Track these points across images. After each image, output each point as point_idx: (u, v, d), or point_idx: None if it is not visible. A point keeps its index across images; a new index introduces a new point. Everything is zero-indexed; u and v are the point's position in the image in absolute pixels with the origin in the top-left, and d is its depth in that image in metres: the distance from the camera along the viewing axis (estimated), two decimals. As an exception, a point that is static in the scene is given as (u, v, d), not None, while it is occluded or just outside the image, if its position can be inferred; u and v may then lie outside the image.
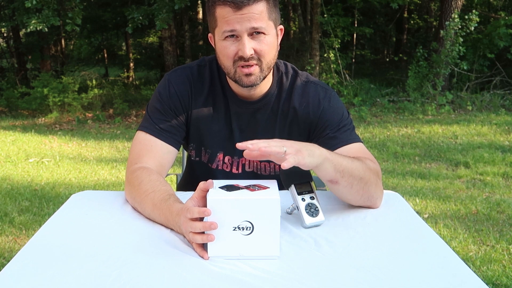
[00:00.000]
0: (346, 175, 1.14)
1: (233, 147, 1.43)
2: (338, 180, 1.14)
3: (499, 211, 3.34)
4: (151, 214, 1.18)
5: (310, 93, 1.38)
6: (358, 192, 1.20)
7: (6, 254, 2.76)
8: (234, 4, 1.18)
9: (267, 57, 1.25)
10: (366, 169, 1.20)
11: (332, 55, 9.02)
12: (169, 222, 1.12)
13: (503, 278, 2.39)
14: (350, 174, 1.15)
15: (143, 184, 1.22)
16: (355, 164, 1.17)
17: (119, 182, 4.20)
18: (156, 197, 1.17)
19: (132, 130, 6.88)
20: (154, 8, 7.08)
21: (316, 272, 0.95)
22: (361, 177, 1.18)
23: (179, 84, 1.37)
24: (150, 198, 1.18)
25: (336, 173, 1.13)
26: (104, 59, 14.21)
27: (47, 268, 0.95)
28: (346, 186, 1.17)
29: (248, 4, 1.18)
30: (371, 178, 1.21)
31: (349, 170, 1.15)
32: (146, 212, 1.20)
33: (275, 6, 1.26)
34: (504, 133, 5.92)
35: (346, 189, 1.18)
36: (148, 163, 1.30)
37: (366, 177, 1.19)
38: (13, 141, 6.07)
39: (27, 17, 6.88)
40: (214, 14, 1.24)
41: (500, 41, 8.22)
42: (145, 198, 1.19)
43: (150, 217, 1.19)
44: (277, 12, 1.28)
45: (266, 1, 1.22)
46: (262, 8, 1.21)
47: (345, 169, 1.14)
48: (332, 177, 1.14)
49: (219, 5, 1.21)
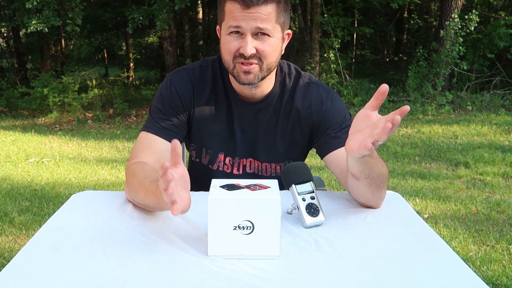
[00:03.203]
0: (370, 178, 1.16)
1: (234, 147, 1.43)
2: (360, 178, 1.16)
3: (499, 211, 3.34)
4: (145, 199, 1.16)
5: (313, 94, 1.39)
6: (373, 192, 1.21)
7: (6, 254, 2.76)
8: (244, 2, 1.18)
9: (268, 58, 1.25)
10: (387, 175, 1.22)
11: (332, 55, 9.02)
12: (159, 200, 1.07)
13: (503, 278, 2.39)
14: (374, 178, 1.17)
15: (137, 174, 1.22)
16: (383, 170, 1.19)
17: (119, 182, 4.20)
18: (147, 181, 1.15)
19: (132, 130, 6.88)
20: (154, 9, 7.08)
21: (317, 272, 0.95)
22: (382, 181, 1.20)
23: (180, 85, 1.38)
24: (142, 184, 1.17)
25: (362, 174, 1.15)
26: (104, 59, 14.22)
27: (47, 268, 0.95)
28: (365, 185, 1.19)
29: (257, 4, 1.18)
30: (385, 182, 1.23)
31: (375, 175, 1.16)
32: (140, 199, 1.19)
33: (285, 11, 1.26)
34: (504, 133, 5.92)
35: (363, 187, 1.20)
36: (145, 158, 1.30)
37: (384, 182, 1.21)
38: (13, 141, 6.07)
39: (28, 17, 6.88)
40: (224, 7, 1.24)
41: (500, 41, 8.23)
42: (138, 186, 1.19)
43: (145, 204, 1.18)
44: (287, 17, 1.28)
45: (276, 4, 1.21)
46: (271, 10, 1.21)
47: (372, 173, 1.15)
48: (359, 173, 1.15)
49: (229, 0, 1.21)
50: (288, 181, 1.17)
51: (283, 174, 1.18)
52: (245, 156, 1.44)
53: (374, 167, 1.15)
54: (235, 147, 1.43)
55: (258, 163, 1.44)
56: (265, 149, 1.42)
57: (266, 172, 1.45)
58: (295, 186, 1.16)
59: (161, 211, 1.19)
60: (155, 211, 1.21)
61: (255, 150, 1.43)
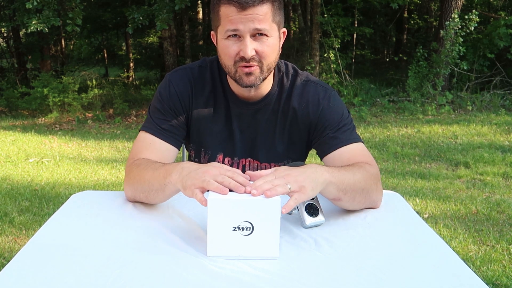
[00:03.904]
0: (349, 191, 1.16)
1: (233, 148, 1.43)
2: (341, 197, 1.17)
3: (499, 211, 3.34)
4: (151, 179, 1.18)
5: (310, 92, 1.38)
6: (360, 202, 1.22)
7: (6, 254, 2.76)
8: (239, 4, 1.17)
9: (268, 59, 1.25)
10: (367, 178, 1.21)
11: (332, 55, 9.02)
12: (167, 172, 1.12)
13: (503, 278, 2.39)
14: (352, 189, 1.17)
15: (142, 164, 1.24)
16: (357, 176, 1.18)
17: (119, 182, 4.20)
18: (157, 164, 1.20)
19: (132, 130, 6.88)
20: (154, 9, 7.08)
21: (316, 272, 0.95)
22: (363, 188, 1.19)
23: (179, 85, 1.37)
24: (150, 166, 1.21)
25: (339, 192, 1.14)
26: (104, 59, 14.23)
27: (47, 268, 0.95)
28: (349, 201, 1.19)
29: (253, 5, 1.18)
30: (371, 186, 1.22)
31: (351, 186, 1.16)
32: (145, 182, 1.20)
33: (279, 9, 1.26)
34: (504, 133, 5.92)
35: (349, 203, 1.20)
36: (147, 158, 1.30)
37: (367, 187, 1.21)
38: (13, 141, 6.07)
39: (28, 17, 6.87)
40: (218, 12, 1.23)
41: (500, 41, 8.23)
42: (144, 170, 1.21)
43: (148, 187, 1.19)
44: (282, 15, 1.27)
45: (271, 3, 1.21)
46: (267, 10, 1.20)
47: (347, 186, 1.15)
48: (336, 196, 1.16)
49: (223, 4, 1.20)
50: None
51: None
52: (244, 156, 1.44)
53: (345, 179, 1.14)
54: (234, 148, 1.43)
55: (257, 163, 1.44)
56: (264, 149, 1.42)
57: (265, 172, 1.45)
58: (294, 186, 1.16)
59: (162, 193, 1.19)
60: (155, 200, 1.23)
61: (254, 150, 1.43)
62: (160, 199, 1.23)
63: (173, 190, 1.16)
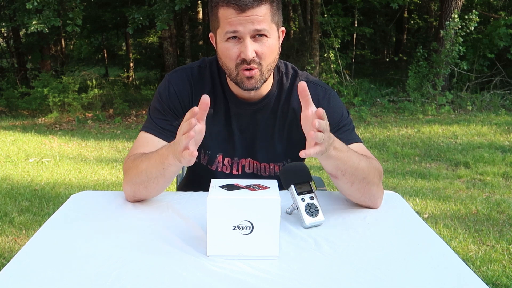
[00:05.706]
0: (348, 174, 1.16)
1: (233, 148, 1.43)
2: (339, 176, 1.17)
3: (499, 211, 3.34)
4: (148, 168, 1.19)
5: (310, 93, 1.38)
6: (359, 190, 1.21)
7: (6, 254, 2.76)
8: (238, 6, 1.17)
9: (268, 59, 1.25)
10: (371, 170, 1.21)
11: (332, 55, 9.02)
12: (164, 160, 1.13)
13: (503, 278, 2.39)
14: (352, 173, 1.16)
15: (137, 158, 1.26)
16: (361, 164, 1.18)
17: (119, 182, 4.20)
18: (149, 154, 1.22)
19: (132, 130, 6.88)
20: (154, 9, 7.08)
21: (316, 272, 0.95)
22: (364, 177, 1.19)
23: (179, 85, 1.37)
24: (145, 156, 1.22)
25: (337, 171, 1.15)
26: (104, 59, 14.23)
27: (47, 268, 0.95)
28: (347, 183, 1.19)
29: (252, 6, 1.18)
30: (374, 179, 1.22)
31: (352, 171, 1.16)
32: (143, 172, 1.21)
33: (278, 9, 1.26)
34: (504, 133, 5.92)
35: (346, 186, 1.20)
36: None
37: (369, 178, 1.20)
38: (13, 141, 6.07)
39: (28, 18, 6.88)
40: (217, 14, 1.23)
41: (500, 41, 8.23)
42: (140, 161, 1.22)
43: (147, 177, 1.20)
44: (280, 15, 1.28)
45: (270, 4, 1.21)
46: (266, 11, 1.20)
47: (348, 168, 1.15)
48: (333, 173, 1.16)
49: (222, 6, 1.20)
50: (287, 181, 1.17)
51: (282, 174, 1.18)
52: (244, 156, 1.44)
53: (348, 161, 1.14)
54: (234, 148, 1.42)
55: (257, 163, 1.44)
56: (264, 149, 1.42)
57: (265, 172, 1.45)
58: (294, 186, 1.16)
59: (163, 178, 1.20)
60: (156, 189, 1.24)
61: (254, 151, 1.43)
62: (160, 186, 1.23)
63: (173, 170, 1.17)
